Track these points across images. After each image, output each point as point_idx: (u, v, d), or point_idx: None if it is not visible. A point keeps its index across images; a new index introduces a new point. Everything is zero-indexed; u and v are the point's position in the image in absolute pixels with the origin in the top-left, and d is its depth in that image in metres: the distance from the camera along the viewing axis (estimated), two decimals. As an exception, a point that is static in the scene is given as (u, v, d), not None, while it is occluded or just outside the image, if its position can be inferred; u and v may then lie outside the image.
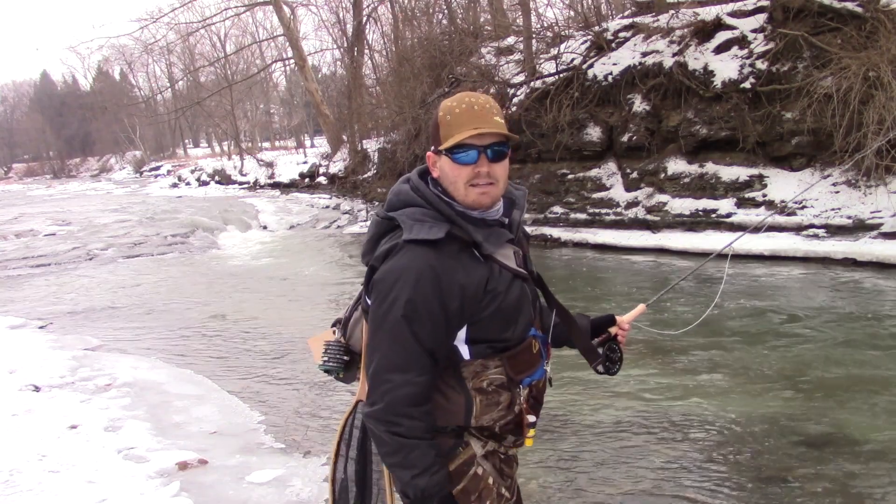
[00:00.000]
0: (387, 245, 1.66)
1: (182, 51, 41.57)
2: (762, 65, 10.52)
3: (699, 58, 11.37)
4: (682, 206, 11.08)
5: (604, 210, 12.14)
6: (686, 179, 11.28)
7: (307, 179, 26.81)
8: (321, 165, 26.13)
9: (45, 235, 18.48)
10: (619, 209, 11.91)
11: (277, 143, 53.51)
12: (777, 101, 10.31)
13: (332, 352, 1.91)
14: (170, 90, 45.74)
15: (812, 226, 9.49)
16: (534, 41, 15.02)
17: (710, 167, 11.08)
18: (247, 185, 31.58)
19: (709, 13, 11.75)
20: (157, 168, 50.11)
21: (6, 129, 78.11)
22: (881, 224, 8.87)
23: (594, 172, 12.64)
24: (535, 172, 13.45)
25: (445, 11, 19.26)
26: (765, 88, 10.39)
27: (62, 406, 5.24)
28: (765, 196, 10.26)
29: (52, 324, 8.74)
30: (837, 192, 9.62)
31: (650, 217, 11.41)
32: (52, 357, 6.70)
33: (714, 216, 10.64)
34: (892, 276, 8.03)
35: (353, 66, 23.58)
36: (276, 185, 29.11)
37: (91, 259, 14.39)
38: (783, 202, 9.47)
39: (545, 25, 16.43)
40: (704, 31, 11.63)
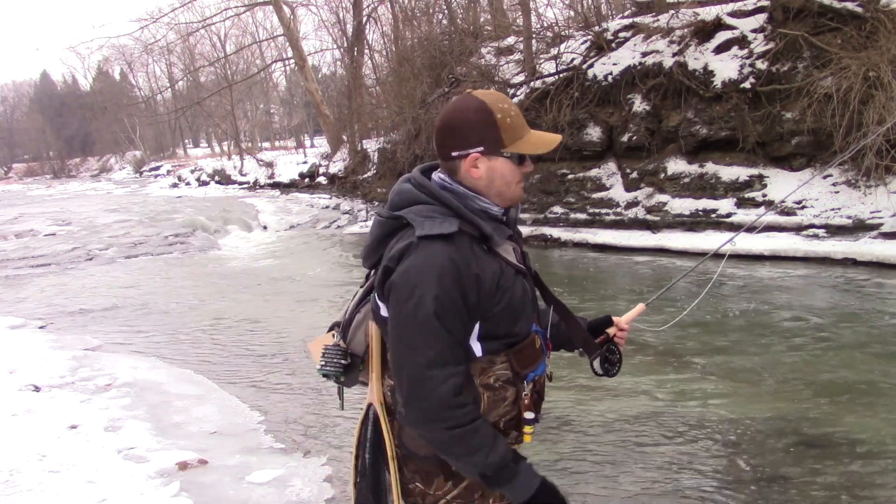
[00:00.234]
0: (400, 244, 1.64)
1: (182, 51, 41.53)
2: (762, 65, 10.53)
3: (699, 58, 11.38)
4: (682, 206, 11.09)
5: (604, 210, 12.14)
6: (686, 179, 11.29)
7: (307, 179, 26.77)
8: (321, 165, 26.09)
9: (45, 235, 18.47)
10: (619, 209, 11.91)
11: (277, 143, 53.45)
12: (777, 101, 10.31)
13: (330, 356, 1.89)
14: (170, 90, 45.68)
15: (812, 226, 9.50)
16: (534, 41, 15.02)
17: (710, 167, 11.08)
18: (247, 185, 31.54)
19: (709, 13, 11.75)
20: (157, 168, 50.05)
21: (6, 129, 78.04)
22: (881, 224, 8.88)
23: (594, 172, 12.64)
24: (535, 172, 13.38)
25: (445, 11, 19.26)
26: (765, 88, 10.40)
27: (62, 406, 5.23)
28: (765, 196, 10.27)
29: (52, 324, 8.73)
30: (837, 192, 9.63)
31: (650, 217, 11.41)
32: (52, 357, 6.70)
33: (714, 216, 10.65)
34: (892, 276, 8.03)
35: (353, 66, 23.56)
36: (276, 185, 29.06)
37: (91, 259, 14.37)
38: (783, 201, 9.45)
39: (545, 25, 16.44)
40: (704, 31, 11.63)
